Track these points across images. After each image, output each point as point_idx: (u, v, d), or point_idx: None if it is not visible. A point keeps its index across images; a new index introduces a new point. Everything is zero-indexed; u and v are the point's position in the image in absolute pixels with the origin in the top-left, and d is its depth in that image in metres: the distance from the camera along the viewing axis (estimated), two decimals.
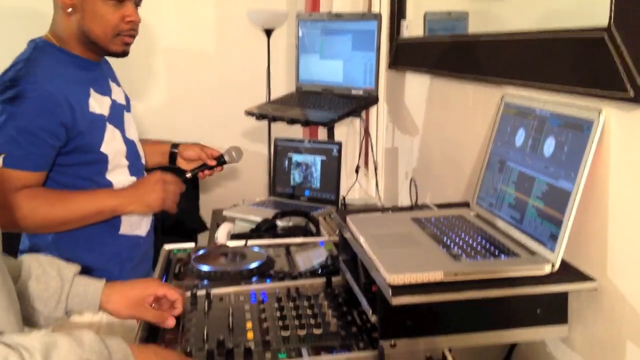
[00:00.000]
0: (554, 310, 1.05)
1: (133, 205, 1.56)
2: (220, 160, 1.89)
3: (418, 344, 1.04)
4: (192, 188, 3.99)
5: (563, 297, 1.05)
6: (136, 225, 1.67)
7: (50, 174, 1.50)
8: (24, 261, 1.08)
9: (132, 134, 1.70)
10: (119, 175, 1.61)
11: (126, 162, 1.63)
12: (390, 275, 1.00)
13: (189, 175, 1.83)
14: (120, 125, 1.64)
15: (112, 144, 1.58)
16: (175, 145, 1.96)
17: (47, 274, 1.08)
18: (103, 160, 1.55)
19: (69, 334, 0.82)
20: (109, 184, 1.58)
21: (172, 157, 1.94)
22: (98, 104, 1.57)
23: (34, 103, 1.42)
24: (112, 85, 1.71)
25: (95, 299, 1.15)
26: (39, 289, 1.07)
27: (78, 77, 1.55)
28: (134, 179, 1.66)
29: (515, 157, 1.20)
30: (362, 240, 1.19)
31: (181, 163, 1.93)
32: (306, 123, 2.20)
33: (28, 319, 1.08)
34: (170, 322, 1.18)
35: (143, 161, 1.76)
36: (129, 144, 1.66)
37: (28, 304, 1.06)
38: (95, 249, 1.58)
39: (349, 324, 1.20)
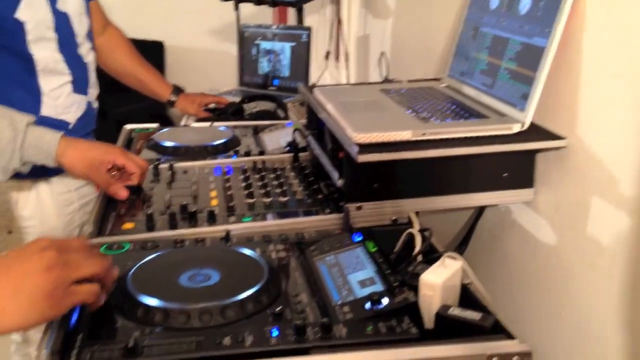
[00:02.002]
0: (521, 174, 1.05)
1: None
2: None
3: (384, 206, 1.03)
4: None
5: (530, 160, 1.04)
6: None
7: None
8: None
9: (69, 6, 1.47)
10: (45, 49, 1.40)
11: (54, 36, 1.41)
12: (356, 134, 0.97)
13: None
14: None
15: (31, 11, 1.36)
16: (176, 91, 1.85)
17: None
18: (19, 28, 1.35)
19: None
20: (28, 57, 1.38)
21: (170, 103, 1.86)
22: None
23: None
24: None
25: (51, 150, 1.09)
26: None
27: None
28: (60, 58, 1.43)
29: (489, 21, 1.15)
30: (329, 107, 1.15)
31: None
32: (274, 3, 2.09)
33: None
34: (122, 193, 1.14)
35: (81, 40, 1.51)
36: (59, 15, 1.44)
37: None
38: None
39: (315, 192, 1.18)
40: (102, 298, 0.74)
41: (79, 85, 1.49)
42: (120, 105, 3.39)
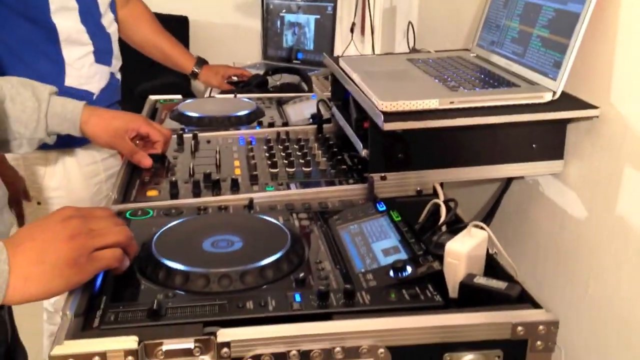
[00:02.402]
0: (551, 145, 1.02)
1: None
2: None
3: (408, 177, 1.01)
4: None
5: (561, 130, 1.01)
6: None
7: None
8: None
9: None
10: (67, 19, 1.40)
11: (76, 5, 1.41)
12: (383, 102, 0.95)
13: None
14: None
15: None
16: (200, 62, 1.84)
17: (21, 95, 1.03)
18: None
19: None
20: (51, 26, 1.39)
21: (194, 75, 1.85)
22: None
23: None
24: None
25: (74, 118, 1.09)
26: (16, 110, 1.02)
27: None
28: (82, 28, 1.43)
29: None
30: (354, 76, 1.13)
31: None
32: None
33: (11, 142, 1.04)
34: (146, 162, 1.14)
35: (104, 11, 1.51)
36: None
37: (7, 127, 1.01)
38: None
39: (339, 163, 1.17)
40: (125, 263, 0.75)
41: (102, 56, 1.49)
42: (144, 81, 3.40)
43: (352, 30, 2.24)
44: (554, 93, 0.95)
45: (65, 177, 1.53)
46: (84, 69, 1.45)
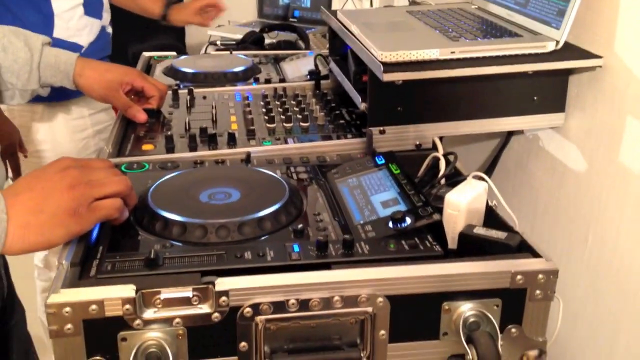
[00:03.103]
0: (552, 97, 1.00)
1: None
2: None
3: (407, 130, 1.00)
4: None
5: (563, 82, 0.99)
6: None
7: None
8: None
9: None
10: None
11: None
12: (382, 52, 0.93)
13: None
14: None
15: None
16: (168, 3, 1.77)
17: (14, 44, 1.00)
18: None
19: None
20: (49, 13, 1.39)
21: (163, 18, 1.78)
22: None
23: None
24: None
25: (68, 70, 1.07)
26: (8, 60, 0.99)
27: None
28: (80, 4, 1.44)
29: None
30: (353, 28, 1.10)
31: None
32: None
33: (3, 93, 1.02)
34: (141, 116, 1.12)
35: None
36: None
37: None
38: None
39: (336, 118, 1.15)
40: (125, 213, 0.74)
41: (92, 8, 1.48)
42: (137, 43, 3.35)
43: None
44: (557, 42, 0.93)
45: (50, 130, 1.52)
46: (73, 21, 1.44)
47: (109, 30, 1.57)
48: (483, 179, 0.80)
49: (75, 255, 0.68)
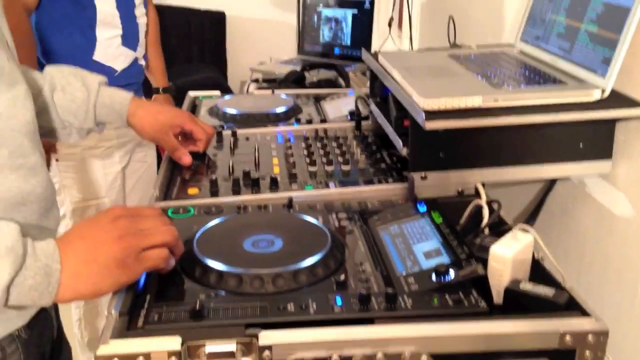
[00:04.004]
0: (598, 144, 0.98)
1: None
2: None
3: (449, 177, 0.99)
4: (216, 49, 3.90)
5: (609, 129, 0.97)
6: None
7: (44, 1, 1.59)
8: (47, 72, 1.04)
9: None
10: (105, 4, 1.63)
11: (117, 13, 1.66)
12: (424, 100, 0.93)
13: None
14: None
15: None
16: (167, 89, 1.95)
17: (72, 85, 1.03)
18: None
19: None
20: (92, 8, 1.62)
21: None
22: None
23: None
24: None
25: (122, 110, 1.09)
26: (66, 100, 1.03)
27: None
28: (117, 13, 1.65)
29: None
30: (394, 73, 1.11)
31: None
32: None
33: (60, 131, 1.05)
34: (187, 159, 1.14)
35: (138, 3, 1.75)
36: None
37: (57, 117, 1.03)
38: None
39: (377, 162, 1.16)
40: (171, 263, 0.76)
41: (129, 41, 1.72)
42: (182, 76, 3.44)
43: (389, 25, 2.22)
44: (603, 91, 0.92)
45: None
46: (112, 48, 1.68)
47: (142, 62, 1.79)
48: (528, 231, 0.79)
49: (124, 304, 0.69)
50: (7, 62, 0.77)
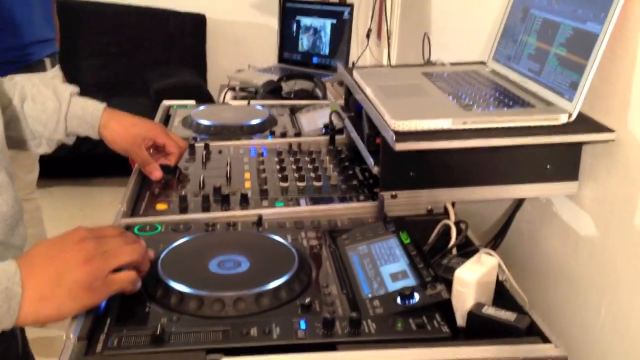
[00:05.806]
0: (565, 166, 1.00)
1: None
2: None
3: (420, 195, 1.00)
4: (196, 52, 3.85)
5: (576, 151, 0.99)
6: None
7: None
8: (17, 82, 1.02)
9: None
10: None
11: None
12: (395, 121, 0.94)
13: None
14: None
15: None
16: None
17: (42, 94, 1.02)
18: None
19: None
20: None
21: None
22: None
23: None
24: None
25: (94, 121, 1.07)
26: (36, 110, 1.01)
27: None
28: None
29: (540, 3, 1.09)
30: (368, 90, 1.12)
31: None
32: None
33: (30, 142, 1.03)
34: (157, 174, 1.13)
35: None
36: None
37: (27, 127, 1.01)
38: None
39: (350, 178, 1.16)
40: (137, 285, 0.75)
41: None
42: (162, 79, 3.41)
43: (368, 36, 2.23)
44: (570, 115, 0.93)
45: None
46: None
47: None
48: (493, 255, 0.80)
49: (82, 328, 0.69)
50: None
